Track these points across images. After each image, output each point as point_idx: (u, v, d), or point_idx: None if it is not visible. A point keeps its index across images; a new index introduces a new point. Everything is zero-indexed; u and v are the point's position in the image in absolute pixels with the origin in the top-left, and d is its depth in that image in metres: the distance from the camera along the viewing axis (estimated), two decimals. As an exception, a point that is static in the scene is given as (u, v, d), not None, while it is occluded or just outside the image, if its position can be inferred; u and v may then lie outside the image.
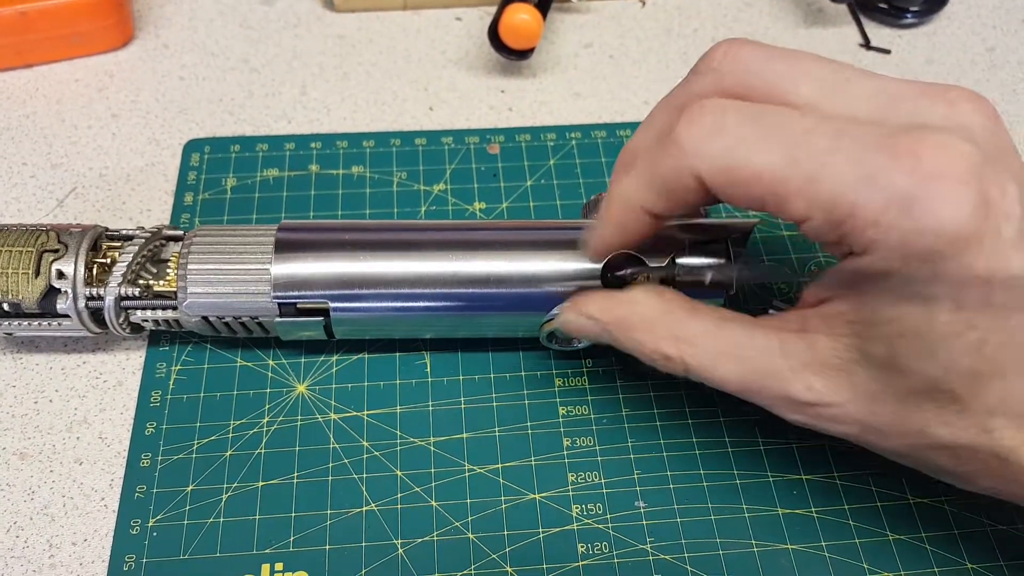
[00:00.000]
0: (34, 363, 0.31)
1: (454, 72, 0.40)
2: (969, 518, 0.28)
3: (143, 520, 0.27)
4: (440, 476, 0.28)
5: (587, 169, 0.36)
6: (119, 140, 0.37)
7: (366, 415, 0.30)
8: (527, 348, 0.31)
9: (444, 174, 0.36)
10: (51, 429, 0.29)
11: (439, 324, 0.29)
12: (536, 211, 0.35)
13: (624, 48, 0.42)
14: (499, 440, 0.29)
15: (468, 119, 0.38)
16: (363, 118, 0.38)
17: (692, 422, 0.30)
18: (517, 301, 0.28)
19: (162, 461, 0.28)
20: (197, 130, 0.38)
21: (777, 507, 0.28)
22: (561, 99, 0.40)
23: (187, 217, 0.34)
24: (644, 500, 0.28)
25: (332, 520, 0.27)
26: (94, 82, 0.39)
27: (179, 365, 0.31)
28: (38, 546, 0.27)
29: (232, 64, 0.40)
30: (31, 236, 0.28)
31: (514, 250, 0.28)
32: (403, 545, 0.27)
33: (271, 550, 0.27)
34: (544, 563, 0.27)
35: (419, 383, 0.30)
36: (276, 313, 0.28)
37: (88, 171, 0.36)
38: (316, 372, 0.30)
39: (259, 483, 0.28)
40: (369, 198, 0.35)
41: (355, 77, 0.40)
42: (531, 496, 0.28)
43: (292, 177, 0.36)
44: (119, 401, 0.30)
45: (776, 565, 0.27)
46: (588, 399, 0.30)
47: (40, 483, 0.28)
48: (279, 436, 0.29)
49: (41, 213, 0.35)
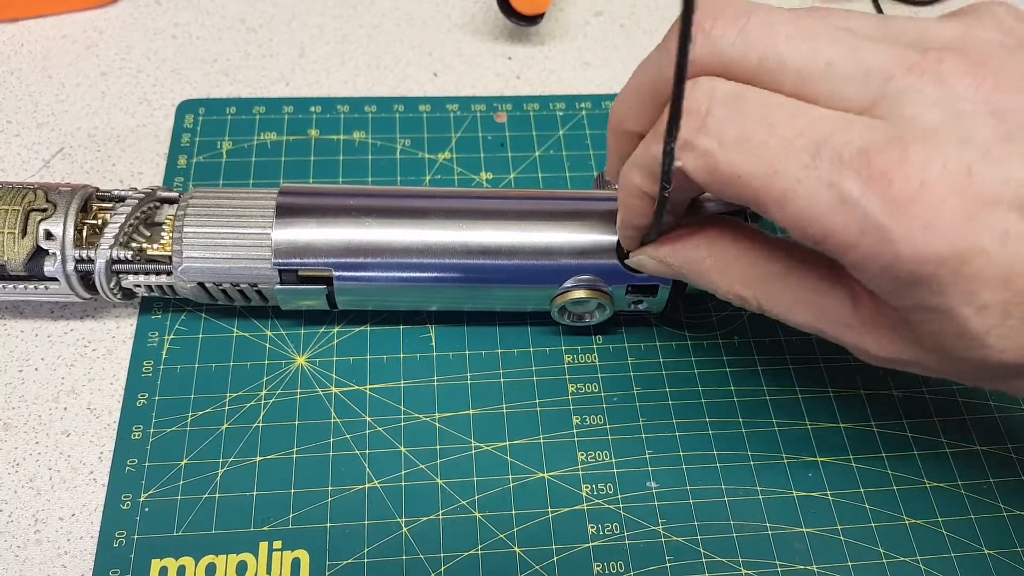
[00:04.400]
0: (18, 330, 0.29)
1: (460, 37, 0.39)
2: (986, 503, 0.27)
3: (134, 495, 0.26)
4: (446, 453, 0.27)
5: (597, 140, 0.35)
6: (109, 99, 0.36)
7: (369, 389, 0.28)
8: (535, 323, 0.30)
9: (449, 142, 0.35)
10: (36, 399, 0.28)
11: (446, 296, 0.28)
12: (545, 182, 0.34)
13: (635, 17, 0.41)
14: (506, 417, 0.28)
15: (474, 86, 0.37)
16: (364, 82, 0.37)
17: (705, 401, 0.29)
18: (528, 273, 0.27)
19: (154, 434, 0.27)
20: (191, 91, 0.36)
21: (792, 489, 0.27)
22: (570, 68, 0.38)
23: (180, 180, 0.33)
24: (656, 480, 0.27)
25: (333, 497, 0.26)
26: (82, 38, 0.38)
27: (172, 334, 0.29)
28: (23, 521, 0.26)
29: (228, 23, 0.39)
30: (18, 194, 0.26)
31: (526, 220, 0.27)
32: (407, 523, 0.26)
33: (269, 527, 0.26)
34: (553, 543, 0.26)
35: (424, 357, 0.29)
36: (276, 280, 0.27)
37: (76, 131, 0.34)
38: (317, 344, 0.29)
39: (257, 458, 0.27)
40: (371, 165, 0.34)
41: (356, 39, 0.39)
42: (540, 475, 0.27)
43: (291, 142, 0.34)
44: (109, 371, 0.29)
45: (790, 548, 0.26)
46: (598, 376, 0.29)
47: (25, 455, 0.27)
48: (278, 409, 0.28)
49: (27, 174, 0.33)
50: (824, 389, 0.29)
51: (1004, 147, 0.17)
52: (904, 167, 0.17)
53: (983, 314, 0.18)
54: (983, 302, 0.18)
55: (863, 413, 0.29)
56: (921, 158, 0.17)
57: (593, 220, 0.27)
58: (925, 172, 0.17)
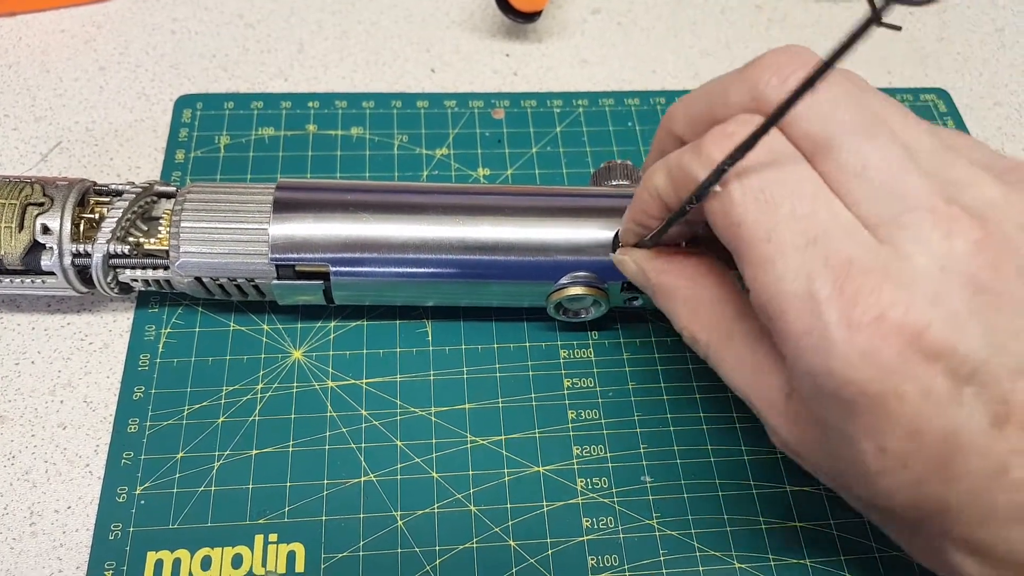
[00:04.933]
0: (15, 323, 0.29)
1: (458, 34, 0.39)
2: (978, 499, 0.27)
3: (130, 488, 0.26)
4: (441, 447, 0.27)
5: (594, 137, 0.35)
6: (107, 94, 0.36)
7: (365, 383, 0.28)
8: (531, 318, 0.30)
9: (447, 138, 0.35)
10: (33, 392, 0.28)
11: (443, 291, 0.28)
12: (542, 179, 0.34)
13: (633, 15, 0.41)
14: (502, 412, 0.28)
15: (472, 83, 0.37)
16: (362, 78, 0.37)
17: (699, 396, 0.29)
18: (525, 269, 0.27)
19: (150, 427, 0.27)
20: (189, 86, 0.36)
21: (785, 484, 0.27)
22: (568, 65, 0.38)
23: (178, 175, 0.33)
24: (650, 475, 0.27)
25: (329, 490, 0.26)
26: (81, 33, 0.38)
27: (169, 328, 0.29)
28: (18, 513, 0.26)
29: (226, 19, 0.39)
30: (15, 188, 0.26)
31: (523, 216, 0.27)
32: (403, 517, 0.26)
33: (265, 520, 0.26)
34: (548, 537, 0.26)
35: (420, 352, 0.29)
36: (273, 275, 0.27)
37: (74, 125, 0.35)
38: (313, 338, 0.29)
39: (253, 451, 0.27)
40: (369, 161, 0.34)
41: (354, 36, 0.39)
42: (535, 469, 0.27)
43: (288, 137, 0.34)
44: (105, 364, 0.29)
45: (784, 542, 0.26)
46: (594, 371, 0.29)
47: (21, 447, 0.27)
48: (274, 403, 0.28)
49: (24, 168, 0.33)
50: (818, 385, 0.29)
51: (968, 320, 0.18)
52: (872, 297, 0.18)
53: (882, 455, 0.18)
54: (885, 444, 0.18)
55: (857, 409, 0.29)
56: (890, 297, 0.18)
57: (589, 217, 0.27)
58: (888, 310, 0.17)
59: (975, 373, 0.18)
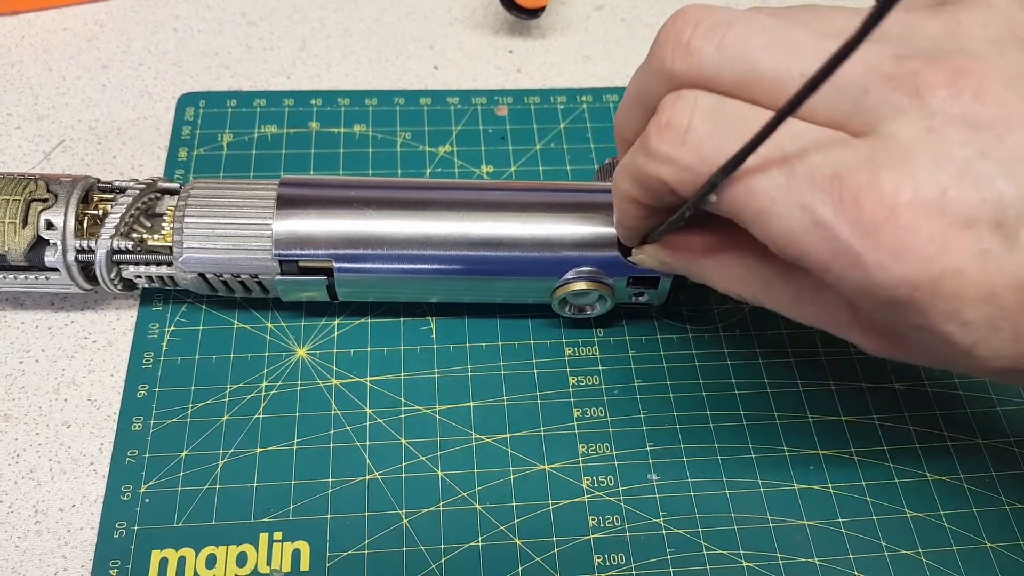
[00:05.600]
0: (19, 321, 0.29)
1: (460, 30, 0.39)
2: (988, 496, 0.27)
3: (135, 486, 0.26)
4: (446, 445, 0.27)
5: (599, 134, 0.35)
6: (109, 92, 0.36)
7: (369, 381, 0.28)
8: (536, 315, 0.30)
9: (450, 135, 0.35)
10: (37, 390, 0.28)
11: (447, 287, 0.28)
12: (546, 175, 0.34)
13: (636, 11, 0.41)
14: (507, 409, 0.28)
15: (475, 79, 0.37)
16: (365, 76, 0.37)
17: (706, 394, 0.29)
18: (529, 265, 0.27)
19: (155, 425, 0.27)
20: (192, 84, 0.36)
21: (793, 482, 0.27)
22: (571, 62, 0.38)
23: (181, 173, 0.33)
24: (657, 473, 0.27)
25: (334, 488, 0.26)
26: (83, 31, 0.37)
27: (173, 326, 0.29)
28: (23, 512, 0.26)
29: (229, 16, 0.39)
30: (19, 184, 0.26)
31: (527, 212, 0.27)
32: (408, 515, 0.26)
33: (270, 519, 0.26)
34: (554, 535, 0.26)
35: (424, 349, 0.29)
36: (277, 271, 0.27)
37: (77, 123, 0.34)
38: (317, 336, 0.29)
39: (257, 449, 0.27)
40: (372, 158, 0.34)
41: (357, 33, 0.39)
42: (540, 467, 0.27)
43: (291, 134, 0.34)
44: (109, 362, 0.29)
45: (792, 541, 0.26)
46: (599, 369, 0.29)
47: (25, 446, 0.27)
48: (278, 401, 0.28)
49: (27, 166, 0.33)
50: (825, 382, 0.29)
51: (980, 164, 0.17)
52: (875, 192, 0.17)
53: (968, 329, 0.17)
54: (966, 319, 0.17)
55: (865, 406, 0.29)
56: (892, 183, 0.16)
57: (594, 212, 0.27)
58: (896, 197, 0.16)
59: (1019, 212, 0.16)
